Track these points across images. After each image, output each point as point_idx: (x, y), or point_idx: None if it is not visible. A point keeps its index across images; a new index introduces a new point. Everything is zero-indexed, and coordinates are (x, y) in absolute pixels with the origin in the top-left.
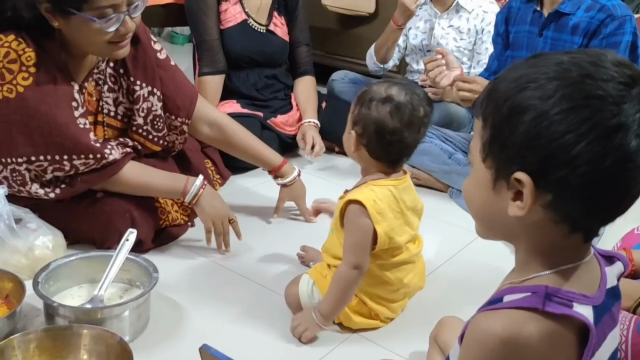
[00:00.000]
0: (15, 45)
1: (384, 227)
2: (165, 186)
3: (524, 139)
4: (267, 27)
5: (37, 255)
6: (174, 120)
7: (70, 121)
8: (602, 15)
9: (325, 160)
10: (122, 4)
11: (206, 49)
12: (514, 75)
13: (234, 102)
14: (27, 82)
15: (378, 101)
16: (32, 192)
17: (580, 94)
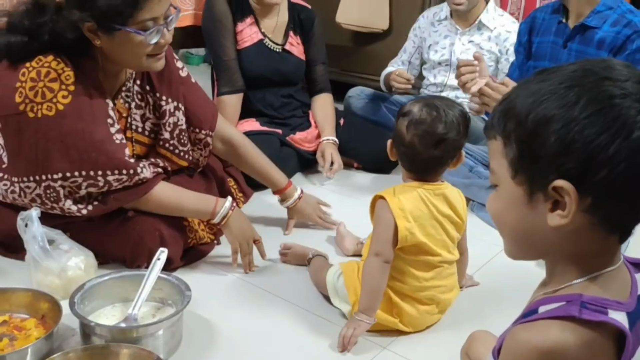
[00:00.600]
0: (55, 65)
1: (404, 222)
2: (195, 207)
3: (559, 147)
4: (283, 46)
5: (69, 276)
6: (198, 133)
7: (106, 137)
8: (628, 31)
9: (344, 176)
10: (161, 16)
11: (224, 69)
12: (528, 91)
13: (253, 120)
14: (67, 100)
15: (401, 114)
16: (65, 208)
17: (604, 95)
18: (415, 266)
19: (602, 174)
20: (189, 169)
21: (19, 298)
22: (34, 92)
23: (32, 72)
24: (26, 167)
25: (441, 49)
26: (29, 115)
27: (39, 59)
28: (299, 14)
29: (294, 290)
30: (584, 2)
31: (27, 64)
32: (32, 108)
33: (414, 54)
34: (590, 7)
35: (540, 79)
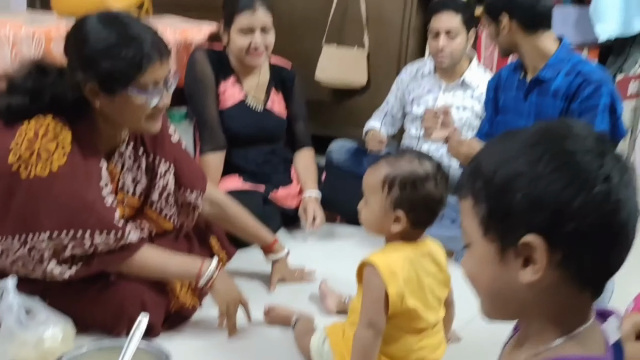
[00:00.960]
0: (53, 125)
1: (395, 289)
2: (180, 270)
3: (527, 203)
4: (265, 104)
5: (46, 348)
6: (188, 195)
7: (98, 199)
8: (579, 80)
9: (327, 231)
10: (161, 80)
11: (206, 128)
12: (494, 151)
13: (235, 176)
14: (62, 161)
15: (421, 180)
16: (48, 271)
17: (566, 152)
18: (404, 331)
19: (569, 227)
20: (172, 232)
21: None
22: (30, 152)
23: (30, 132)
24: (13, 226)
25: (424, 102)
26: (21, 175)
27: (37, 119)
28: (279, 73)
29: (279, 354)
30: (538, 57)
31: (25, 124)
32: (25, 168)
33: (396, 107)
34: (544, 61)
35: (505, 139)
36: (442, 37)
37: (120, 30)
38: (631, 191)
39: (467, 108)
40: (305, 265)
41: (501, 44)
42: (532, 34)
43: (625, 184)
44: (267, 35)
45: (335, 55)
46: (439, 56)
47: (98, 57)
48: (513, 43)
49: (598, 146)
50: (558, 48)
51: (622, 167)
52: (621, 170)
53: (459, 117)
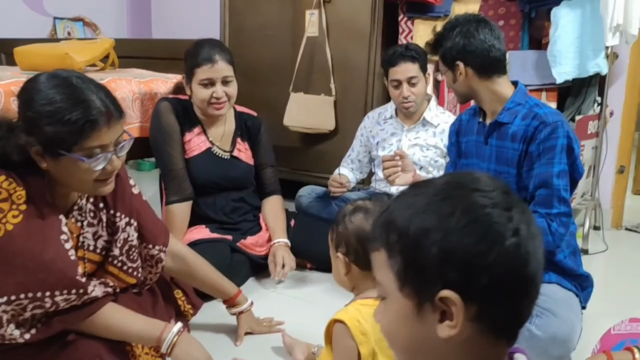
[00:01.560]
0: (7, 185)
1: (367, 349)
2: (141, 332)
3: (441, 257)
4: (231, 152)
5: None
6: (151, 249)
7: (58, 256)
8: (535, 123)
9: (297, 278)
10: (110, 144)
11: (172, 178)
12: (406, 204)
13: (202, 227)
14: (17, 220)
15: (349, 214)
16: (7, 334)
17: (476, 206)
18: None
19: (483, 281)
20: (136, 287)
21: None
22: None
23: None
24: None
25: (389, 145)
26: None
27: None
28: (245, 121)
29: None
30: (495, 101)
31: None
32: None
33: (362, 153)
34: (501, 104)
35: (415, 192)
36: (405, 87)
37: (67, 93)
38: (537, 243)
39: (430, 147)
40: (275, 314)
41: (459, 90)
42: (488, 79)
43: (532, 236)
44: (228, 86)
45: (302, 102)
46: (404, 104)
47: (41, 120)
48: (470, 89)
49: (505, 199)
50: (514, 92)
51: (528, 219)
52: (528, 223)
53: (424, 156)
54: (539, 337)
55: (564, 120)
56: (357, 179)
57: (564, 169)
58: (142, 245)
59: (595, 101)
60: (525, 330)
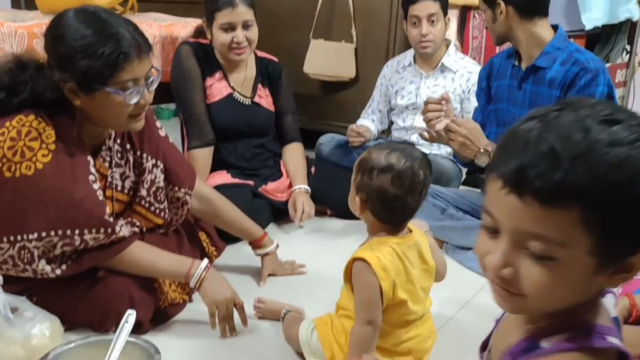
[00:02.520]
0: (36, 124)
1: (388, 283)
2: (169, 268)
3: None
4: (252, 99)
5: (34, 345)
6: (177, 191)
7: (86, 196)
8: (576, 69)
9: (317, 224)
10: (141, 77)
11: (194, 123)
12: (606, 134)
13: (224, 172)
14: (47, 159)
15: (379, 170)
16: (39, 269)
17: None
18: (393, 324)
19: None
20: (162, 227)
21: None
22: (13, 152)
23: (13, 132)
24: (0, 227)
25: (407, 93)
26: (6, 175)
27: (19, 119)
28: (266, 67)
29: (269, 348)
30: (533, 45)
31: (7, 124)
32: (9, 167)
33: (382, 102)
34: (540, 49)
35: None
36: (425, 24)
37: (97, 27)
38: None
39: (448, 91)
40: (295, 258)
41: (497, 30)
42: (529, 20)
43: None
44: (249, 30)
45: (323, 49)
46: (422, 43)
47: (74, 55)
48: (509, 29)
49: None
50: (554, 36)
51: None
52: None
53: None
54: None
55: (605, 67)
56: (378, 130)
57: None
58: (168, 187)
59: (624, 49)
60: None
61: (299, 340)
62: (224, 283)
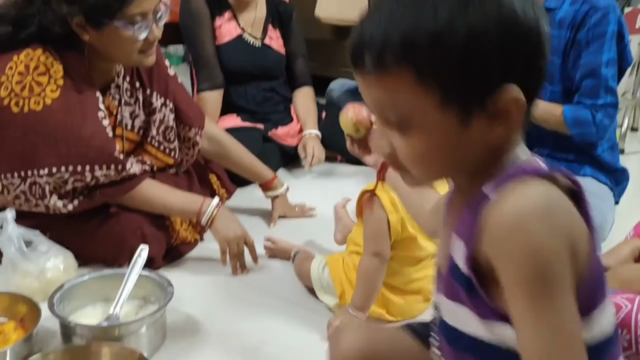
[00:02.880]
0: (44, 59)
1: (396, 217)
2: (181, 206)
3: (499, 48)
4: (262, 40)
5: (48, 278)
6: (188, 131)
7: (97, 131)
8: (585, 7)
9: (328, 170)
10: (150, 12)
11: (203, 65)
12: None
13: (234, 116)
14: (55, 94)
15: None
16: (50, 205)
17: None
18: (403, 262)
19: (540, 63)
20: (173, 167)
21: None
22: (21, 86)
23: (20, 66)
24: (10, 163)
25: None
26: (13, 109)
27: (27, 53)
28: (277, 7)
29: (280, 285)
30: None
31: (15, 58)
32: (17, 102)
33: None
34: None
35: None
36: None
37: None
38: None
39: None
40: (305, 203)
41: None
42: None
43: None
44: None
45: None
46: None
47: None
48: None
49: None
50: None
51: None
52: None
53: None
54: None
55: (615, 4)
56: None
57: (612, 58)
58: (179, 127)
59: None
60: None
61: (311, 276)
62: (235, 221)
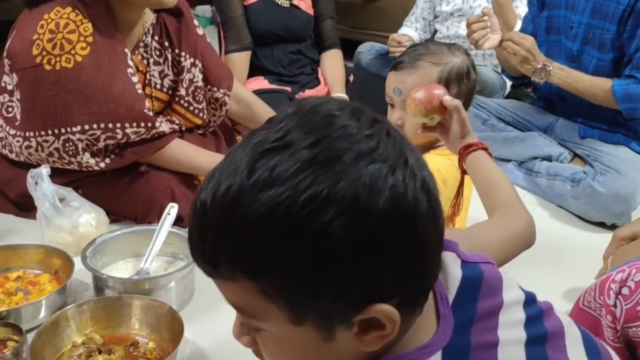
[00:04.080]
0: (74, 17)
1: (444, 198)
2: (209, 165)
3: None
4: (291, 1)
5: (81, 233)
6: (216, 91)
7: (127, 88)
8: None
9: None
10: None
11: (231, 26)
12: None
13: (261, 78)
14: (85, 52)
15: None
16: (83, 162)
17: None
18: None
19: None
20: (201, 128)
21: (32, 254)
22: (52, 44)
23: (51, 24)
24: (43, 120)
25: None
26: (46, 67)
27: (57, 11)
28: None
29: None
30: None
31: (45, 16)
32: (49, 60)
33: (426, 9)
34: None
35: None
36: None
37: None
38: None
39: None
40: None
41: None
42: None
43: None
44: None
45: None
46: None
47: None
48: None
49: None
50: None
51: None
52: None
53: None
54: (601, 193)
55: None
56: (421, 39)
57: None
58: (207, 87)
59: None
60: (587, 187)
61: None
62: None
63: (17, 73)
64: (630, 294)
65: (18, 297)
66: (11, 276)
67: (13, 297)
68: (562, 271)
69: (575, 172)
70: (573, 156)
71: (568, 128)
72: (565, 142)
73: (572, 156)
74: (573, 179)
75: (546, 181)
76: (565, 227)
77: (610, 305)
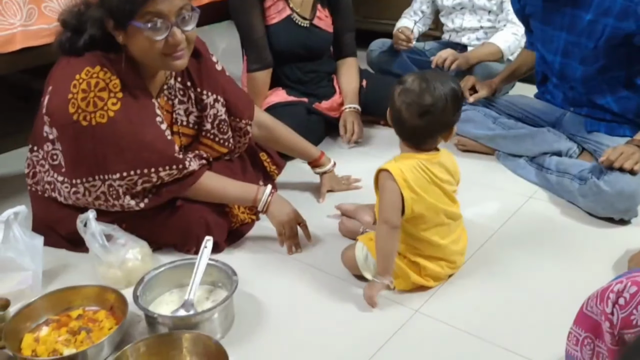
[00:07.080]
0: (103, 75)
1: (409, 193)
2: (238, 195)
3: None
4: (311, 21)
5: (129, 267)
6: (238, 122)
7: (157, 136)
8: None
9: (371, 134)
10: (170, 14)
11: (253, 46)
12: None
13: (280, 89)
14: (116, 107)
15: (398, 82)
16: (125, 204)
17: None
18: (427, 233)
19: None
20: (227, 155)
21: (89, 292)
22: (86, 103)
23: (83, 84)
24: (89, 169)
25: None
26: (82, 123)
27: (87, 71)
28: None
29: (332, 262)
30: None
31: (77, 76)
32: (85, 117)
33: (425, 2)
34: None
35: None
36: None
37: None
38: None
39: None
40: (350, 171)
41: None
42: None
43: None
44: None
45: None
46: None
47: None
48: None
49: None
50: None
51: None
52: None
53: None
54: (607, 192)
55: None
56: (419, 32)
57: None
58: (230, 118)
59: None
60: (593, 186)
61: (357, 264)
62: (287, 205)
63: (57, 129)
64: (625, 304)
65: (82, 335)
66: (73, 314)
67: (77, 337)
68: (574, 264)
69: (582, 170)
70: (581, 150)
71: (576, 121)
72: (574, 137)
73: (581, 150)
74: (580, 177)
75: (556, 177)
76: (576, 224)
77: (608, 313)
